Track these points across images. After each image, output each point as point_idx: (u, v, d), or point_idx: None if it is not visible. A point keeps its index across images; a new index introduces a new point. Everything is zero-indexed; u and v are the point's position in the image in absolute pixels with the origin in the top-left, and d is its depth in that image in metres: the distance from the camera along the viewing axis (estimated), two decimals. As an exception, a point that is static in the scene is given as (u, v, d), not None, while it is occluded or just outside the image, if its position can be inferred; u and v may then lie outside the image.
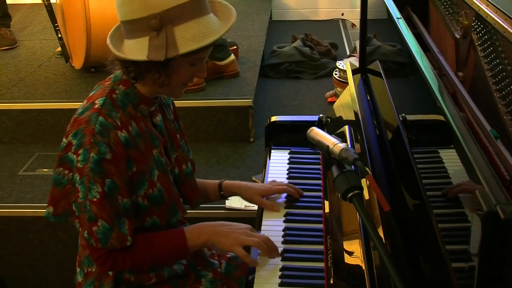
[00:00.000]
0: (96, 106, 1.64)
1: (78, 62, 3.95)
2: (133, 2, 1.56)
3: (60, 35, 4.02)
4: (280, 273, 1.67)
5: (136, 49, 1.58)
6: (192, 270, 1.88)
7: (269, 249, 1.72)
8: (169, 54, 1.53)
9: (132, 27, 1.59)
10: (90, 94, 1.73)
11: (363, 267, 1.43)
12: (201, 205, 2.05)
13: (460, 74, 1.89)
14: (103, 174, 1.60)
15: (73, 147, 1.62)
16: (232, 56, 3.80)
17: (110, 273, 1.76)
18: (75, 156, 1.62)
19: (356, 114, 1.98)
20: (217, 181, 2.07)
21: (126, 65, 1.63)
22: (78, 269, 1.87)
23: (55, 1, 4.05)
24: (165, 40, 1.54)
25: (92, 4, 3.63)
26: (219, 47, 3.69)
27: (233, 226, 1.78)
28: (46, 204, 1.74)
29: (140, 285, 1.80)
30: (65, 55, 4.07)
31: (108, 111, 1.64)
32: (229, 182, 2.08)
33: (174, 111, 1.94)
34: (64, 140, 1.65)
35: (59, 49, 4.21)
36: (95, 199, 1.61)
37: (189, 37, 1.55)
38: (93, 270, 1.79)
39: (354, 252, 1.53)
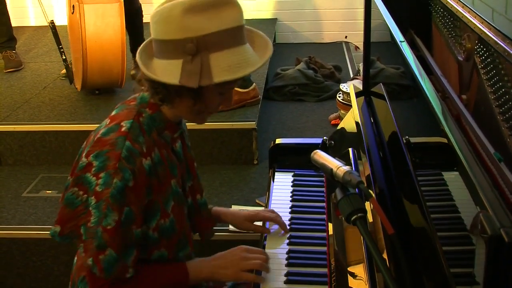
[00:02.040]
0: (123, 129, 1.58)
1: (78, 84, 3.98)
2: (171, 23, 1.49)
3: (64, 57, 4.05)
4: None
5: (168, 71, 1.52)
6: None
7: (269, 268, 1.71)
8: (203, 82, 1.48)
9: (166, 48, 1.52)
10: (113, 113, 1.66)
11: (367, 291, 1.42)
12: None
13: (463, 96, 1.89)
14: (123, 202, 1.53)
15: (93, 169, 1.54)
16: (254, 84, 3.81)
17: None
18: (94, 178, 1.54)
19: (359, 136, 1.98)
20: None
21: (155, 87, 1.57)
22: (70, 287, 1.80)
23: (62, 23, 4.08)
24: (200, 66, 1.48)
25: (88, 28, 3.65)
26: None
27: (229, 255, 1.74)
28: (50, 226, 1.68)
29: None
30: (70, 76, 4.09)
31: (135, 136, 1.58)
32: (217, 209, 2.03)
33: (188, 137, 1.91)
34: (84, 159, 1.57)
35: (64, 71, 4.24)
36: (109, 227, 1.53)
37: (225, 66, 1.49)
38: None
39: (358, 275, 1.52)
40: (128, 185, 1.53)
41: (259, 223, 2.00)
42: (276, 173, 2.31)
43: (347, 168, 1.42)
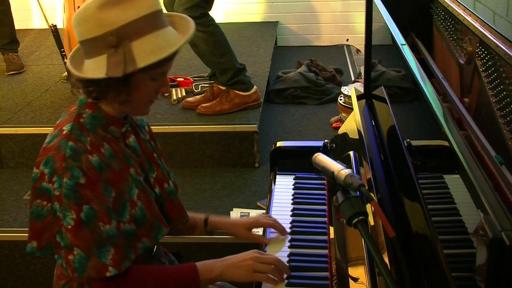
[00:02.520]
0: (64, 132, 1.61)
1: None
2: (88, 21, 1.53)
3: (65, 60, 4.05)
4: (285, 299, 1.66)
5: (95, 68, 1.55)
6: None
7: (281, 274, 1.70)
8: (127, 69, 1.51)
9: (90, 47, 1.56)
10: (57, 122, 1.69)
11: (368, 294, 1.42)
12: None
13: (464, 100, 1.89)
14: (78, 200, 1.54)
15: (46, 176, 1.56)
16: (255, 87, 3.82)
17: None
18: (50, 184, 1.56)
19: (361, 139, 1.98)
20: (202, 216, 2.03)
21: (87, 85, 1.60)
22: None
23: (62, 27, 4.08)
24: (123, 55, 1.52)
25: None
26: (240, 80, 3.71)
27: (241, 256, 1.74)
28: None
29: None
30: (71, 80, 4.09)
31: (77, 136, 1.60)
32: (214, 218, 2.02)
33: (150, 132, 1.91)
34: (36, 170, 1.60)
35: (66, 73, 4.24)
36: (70, 226, 1.55)
37: (147, 51, 1.53)
38: None
39: (359, 278, 1.52)
40: (79, 182, 1.54)
41: (260, 230, 1.99)
42: (277, 176, 2.31)
43: (348, 171, 1.42)
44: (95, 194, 1.57)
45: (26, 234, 2.97)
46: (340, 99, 3.86)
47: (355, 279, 1.54)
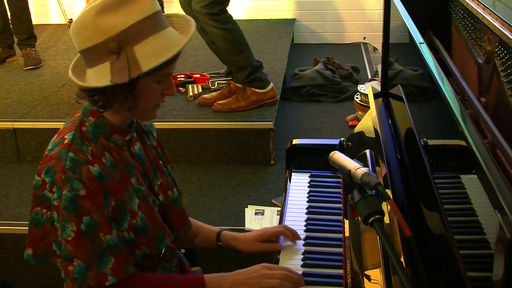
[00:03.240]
0: (65, 142, 1.59)
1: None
2: (87, 29, 1.51)
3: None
4: (299, 298, 1.66)
5: (99, 76, 1.53)
6: None
7: (293, 285, 1.67)
8: (132, 74, 1.49)
9: (91, 55, 1.54)
10: (61, 128, 1.68)
11: (383, 293, 1.41)
12: (219, 227, 2.01)
13: (482, 99, 1.88)
14: (78, 212, 1.53)
15: (47, 185, 1.56)
16: (271, 84, 3.82)
17: None
18: (51, 194, 1.56)
19: (377, 138, 1.97)
20: (216, 229, 1.99)
21: (92, 95, 1.59)
22: None
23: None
24: (126, 61, 1.49)
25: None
26: (257, 78, 3.71)
27: (249, 271, 1.70)
28: None
29: None
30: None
31: (78, 146, 1.58)
32: (227, 233, 1.98)
33: (157, 139, 1.89)
34: (37, 178, 1.60)
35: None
36: (70, 238, 1.53)
37: (150, 54, 1.51)
38: None
39: (374, 277, 1.52)
40: (79, 194, 1.53)
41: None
42: (292, 174, 2.31)
43: (365, 169, 1.42)
44: (96, 205, 1.55)
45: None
46: (357, 97, 3.85)
47: (370, 278, 1.53)
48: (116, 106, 1.60)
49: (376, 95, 2.28)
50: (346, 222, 1.93)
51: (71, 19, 4.08)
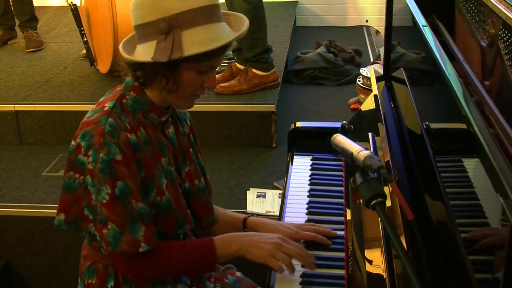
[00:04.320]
0: (105, 109, 1.63)
1: (104, 66, 3.98)
2: (144, 6, 1.56)
3: (85, 39, 4.06)
4: (300, 279, 1.66)
5: (144, 52, 1.57)
6: None
7: (305, 259, 1.68)
8: (173, 56, 1.52)
9: (143, 31, 1.58)
10: (100, 100, 1.71)
11: (384, 276, 1.42)
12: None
13: (486, 83, 1.87)
14: (113, 176, 1.57)
15: (82, 149, 1.59)
16: (275, 67, 3.81)
17: (109, 286, 1.71)
18: (85, 158, 1.58)
19: (379, 121, 1.97)
20: (242, 216, 1.96)
21: (134, 69, 1.62)
22: (79, 280, 1.82)
23: (80, 5, 4.08)
24: (172, 42, 1.53)
25: (119, 11, 3.66)
26: (264, 59, 3.70)
27: (264, 237, 1.72)
28: None
29: None
30: (90, 58, 4.11)
31: (117, 114, 1.62)
32: (254, 219, 1.93)
33: (191, 127, 1.90)
34: (73, 143, 1.62)
35: (84, 51, 4.25)
36: (104, 201, 1.58)
37: (196, 41, 1.53)
38: (93, 282, 1.75)
39: (375, 260, 1.52)
40: (115, 159, 1.56)
41: (276, 211, 1.99)
42: (294, 157, 2.31)
43: (367, 152, 1.41)
44: (130, 171, 1.59)
45: (45, 210, 3.04)
46: (359, 81, 3.84)
47: (371, 260, 1.54)
48: (156, 86, 1.63)
49: (378, 78, 2.27)
50: (348, 205, 1.93)
51: (72, 3, 4.05)
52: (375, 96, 2.13)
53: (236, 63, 3.78)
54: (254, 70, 3.68)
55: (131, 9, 1.60)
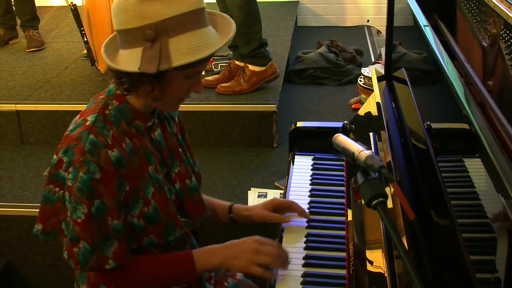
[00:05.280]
0: (87, 124, 1.59)
1: (103, 66, 3.99)
2: (128, 11, 1.50)
3: (86, 39, 4.06)
4: (302, 279, 1.66)
5: (129, 60, 1.52)
6: None
7: (283, 262, 1.69)
8: (161, 66, 1.47)
9: (126, 37, 1.53)
10: (84, 109, 1.68)
11: (386, 275, 1.42)
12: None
13: (487, 83, 1.87)
14: (91, 195, 1.55)
15: (64, 164, 1.57)
16: (272, 61, 3.78)
17: None
18: (66, 173, 1.57)
19: (381, 121, 1.97)
20: (227, 203, 2.00)
21: (119, 76, 1.57)
22: (75, 285, 1.82)
23: (81, 4, 4.08)
24: (159, 51, 1.48)
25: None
26: (261, 54, 3.69)
27: (241, 245, 1.71)
28: None
29: None
30: (91, 58, 4.10)
31: (99, 129, 1.58)
32: (239, 205, 2.00)
33: (179, 123, 1.89)
34: (55, 157, 1.61)
35: (85, 51, 4.25)
36: (79, 220, 1.56)
37: (184, 49, 1.49)
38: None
39: (376, 260, 1.52)
40: (94, 178, 1.54)
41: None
42: (296, 157, 2.31)
43: (369, 152, 1.41)
44: (108, 189, 1.56)
45: (46, 210, 3.02)
46: (360, 80, 3.84)
47: (372, 261, 1.54)
48: (141, 93, 1.60)
49: (379, 78, 2.27)
50: (349, 205, 1.93)
51: (72, 3, 4.06)
52: (378, 103, 2.13)
53: (234, 60, 3.78)
54: (251, 68, 3.67)
55: (113, 13, 1.55)
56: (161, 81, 1.54)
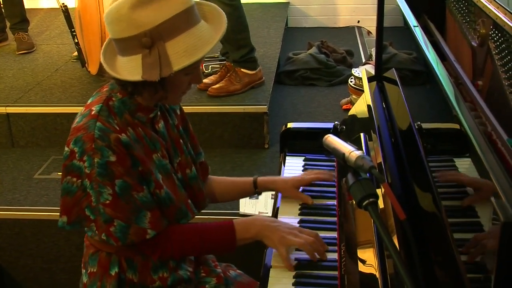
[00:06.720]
0: (93, 113, 1.65)
1: (94, 68, 3.98)
2: (122, 21, 1.54)
3: (76, 40, 4.05)
4: (293, 280, 1.66)
5: (130, 68, 1.57)
6: (196, 277, 1.90)
7: (314, 251, 1.71)
8: (163, 73, 1.53)
9: (123, 45, 1.58)
10: (88, 102, 1.73)
11: (377, 276, 1.42)
12: (214, 211, 2.04)
13: (477, 83, 1.88)
14: (111, 176, 1.61)
15: (77, 155, 1.62)
16: (259, 65, 3.82)
17: (113, 273, 1.77)
18: (81, 163, 1.62)
19: (371, 122, 1.97)
20: (250, 179, 2.06)
21: (121, 83, 1.64)
22: (83, 271, 1.87)
23: (74, 6, 4.07)
24: (158, 57, 1.53)
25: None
26: (252, 59, 3.70)
27: (282, 225, 1.78)
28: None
29: (143, 287, 1.80)
30: (82, 60, 4.09)
31: (105, 117, 1.64)
32: (263, 178, 2.07)
33: (181, 115, 1.94)
34: (66, 149, 1.65)
35: (76, 53, 4.24)
36: (107, 202, 1.63)
37: (181, 51, 1.54)
38: (95, 270, 1.80)
39: (368, 260, 1.52)
40: (110, 161, 1.61)
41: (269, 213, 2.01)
42: (287, 157, 2.31)
43: (359, 153, 1.42)
44: (125, 168, 1.63)
45: (37, 213, 3.03)
46: (351, 81, 3.85)
47: (364, 261, 1.54)
48: (145, 95, 1.66)
49: (370, 79, 2.28)
50: (341, 206, 1.93)
51: (63, 4, 4.04)
52: (368, 104, 2.13)
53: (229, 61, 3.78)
54: (243, 70, 3.68)
55: (106, 22, 1.59)
56: (164, 84, 1.59)
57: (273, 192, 2.69)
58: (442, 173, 1.62)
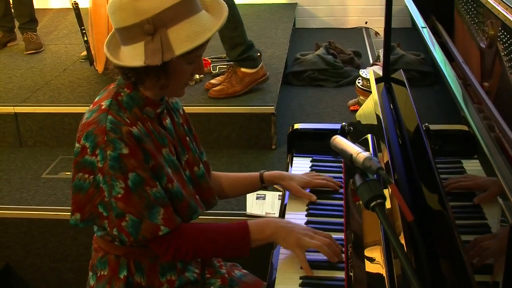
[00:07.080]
0: (103, 107, 1.66)
1: (101, 66, 3.99)
2: (124, 10, 1.57)
3: (86, 38, 4.06)
4: (300, 281, 1.66)
5: (133, 55, 1.60)
6: (201, 278, 1.90)
7: (331, 253, 1.71)
8: (165, 57, 1.55)
9: (126, 34, 1.61)
10: (96, 99, 1.74)
11: (384, 277, 1.42)
12: (221, 211, 2.04)
13: (485, 84, 1.87)
14: (124, 169, 1.61)
15: (88, 150, 1.63)
16: (262, 63, 3.80)
17: (122, 276, 1.76)
18: (93, 157, 1.62)
19: (379, 123, 1.97)
20: (257, 174, 2.07)
21: (125, 72, 1.65)
22: (90, 273, 1.87)
23: (88, 6, 4.07)
24: (160, 43, 1.56)
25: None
26: (250, 56, 3.69)
27: (297, 226, 1.77)
28: (68, 207, 1.72)
29: None
30: (90, 58, 4.10)
31: (115, 111, 1.65)
32: (269, 173, 2.08)
33: (184, 115, 1.95)
34: (77, 145, 1.66)
35: (84, 53, 4.25)
36: (119, 195, 1.62)
37: (183, 37, 1.57)
38: (105, 273, 1.79)
39: (375, 261, 1.52)
40: (122, 153, 1.61)
41: (276, 213, 2.01)
42: (294, 158, 2.31)
43: (367, 154, 1.41)
44: (138, 161, 1.63)
45: (44, 212, 3.04)
46: (358, 82, 3.84)
47: (371, 262, 1.54)
48: (148, 83, 1.67)
49: (377, 80, 2.27)
50: (348, 206, 1.93)
51: (75, 2, 4.05)
52: (376, 105, 2.13)
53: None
54: (243, 69, 3.67)
55: (109, 12, 1.61)
56: (166, 70, 1.61)
57: (280, 193, 2.70)
58: (449, 181, 1.61)
